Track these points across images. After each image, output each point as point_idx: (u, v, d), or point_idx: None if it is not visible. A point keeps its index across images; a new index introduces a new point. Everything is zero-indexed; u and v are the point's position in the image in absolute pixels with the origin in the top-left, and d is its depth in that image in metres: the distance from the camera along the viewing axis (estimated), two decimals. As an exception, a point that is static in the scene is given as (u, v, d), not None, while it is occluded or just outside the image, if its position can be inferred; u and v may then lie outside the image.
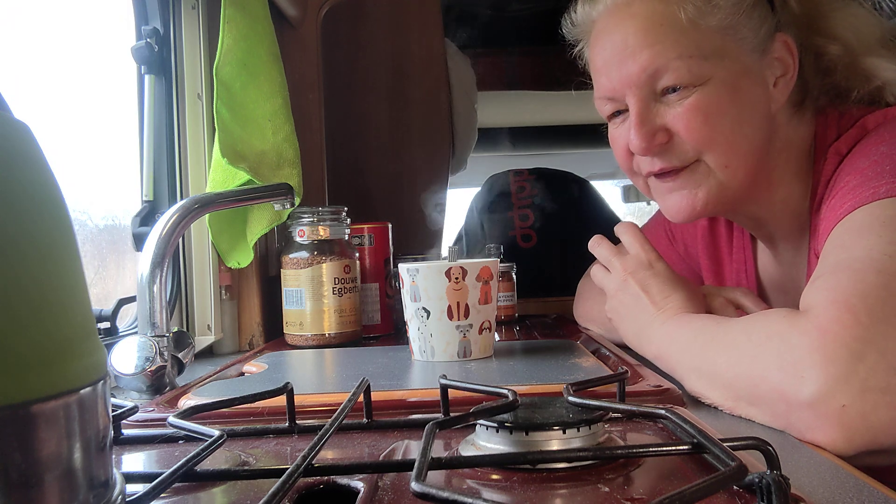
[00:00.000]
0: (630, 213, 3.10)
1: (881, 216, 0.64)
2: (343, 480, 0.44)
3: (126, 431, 0.57)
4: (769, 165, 0.83)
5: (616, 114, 0.85)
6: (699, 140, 0.79)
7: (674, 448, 0.43)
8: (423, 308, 0.85)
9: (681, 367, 0.71)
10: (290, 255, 1.10)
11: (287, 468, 0.38)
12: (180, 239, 1.02)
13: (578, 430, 0.46)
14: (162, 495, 0.40)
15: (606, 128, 0.90)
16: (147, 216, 1.04)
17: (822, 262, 0.66)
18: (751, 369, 0.60)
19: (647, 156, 0.82)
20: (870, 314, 0.54)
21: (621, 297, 0.86)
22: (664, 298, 0.81)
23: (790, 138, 0.84)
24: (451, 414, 0.54)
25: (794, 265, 0.89)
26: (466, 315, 0.85)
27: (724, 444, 0.40)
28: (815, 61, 0.83)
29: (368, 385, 0.57)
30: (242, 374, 0.86)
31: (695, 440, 0.42)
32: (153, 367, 0.77)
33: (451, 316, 0.84)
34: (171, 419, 0.52)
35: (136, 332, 0.83)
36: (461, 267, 0.84)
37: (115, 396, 0.75)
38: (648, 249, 0.85)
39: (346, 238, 1.14)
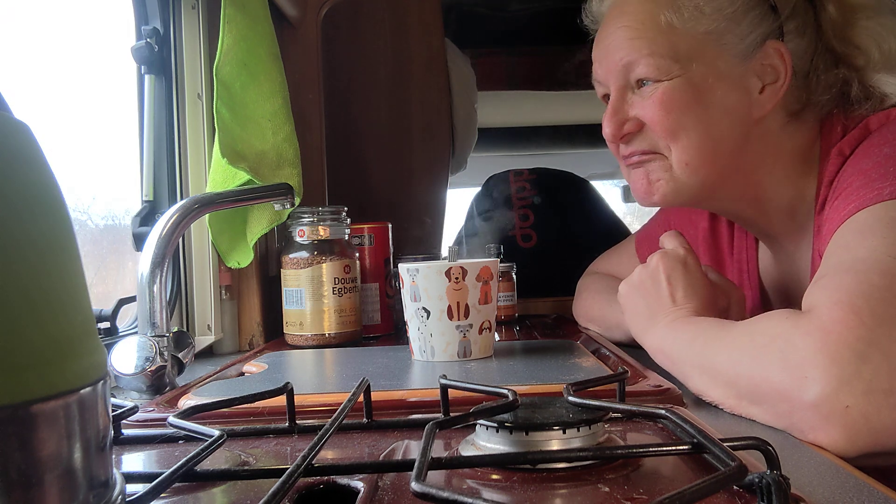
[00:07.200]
0: (630, 212, 3.09)
1: (884, 217, 0.64)
2: (343, 480, 0.44)
3: (126, 431, 0.57)
4: (749, 168, 0.84)
5: (607, 97, 0.89)
6: (663, 132, 0.82)
7: (674, 448, 0.43)
8: (423, 308, 0.85)
9: (682, 365, 0.71)
10: (290, 255, 1.10)
11: (287, 468, 0.38)
12: (180, 239, 1.02)
13: (578, 430, 0.46)
14: (162, 495, 0.40)
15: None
16: (147, 216, 1.04)
17: (825, 263, 0.66)
18: (753, 369, 0.60)
19: (614, 143, 0.87)
20: (873, 315, 0.54)
21: (643, 278, 0.83)
22: (684, 297, 0.79)
23: (782, 144, 0.83)
24: (451, 414, 0.53)
25: (796, 265, 0.89)
26: (466, 315, 0.85)
27: (725, 444, 0.40)
28: (828, 72, 0.82)
29: (368, 385, 0.57)
30: (242, 374, 0.86)
31: (695, 440, 0.42)
32: (153, 367, 0.77)
33: (451, 316, 0.84)
34: (171, 419, 0.52)
35: (136, 332, 0.83)
36: (461, 267, 0.84)
37: (115, 396, 0.75)
38: (688, 249, 0.83)
39: (346, 238, 1.14)
